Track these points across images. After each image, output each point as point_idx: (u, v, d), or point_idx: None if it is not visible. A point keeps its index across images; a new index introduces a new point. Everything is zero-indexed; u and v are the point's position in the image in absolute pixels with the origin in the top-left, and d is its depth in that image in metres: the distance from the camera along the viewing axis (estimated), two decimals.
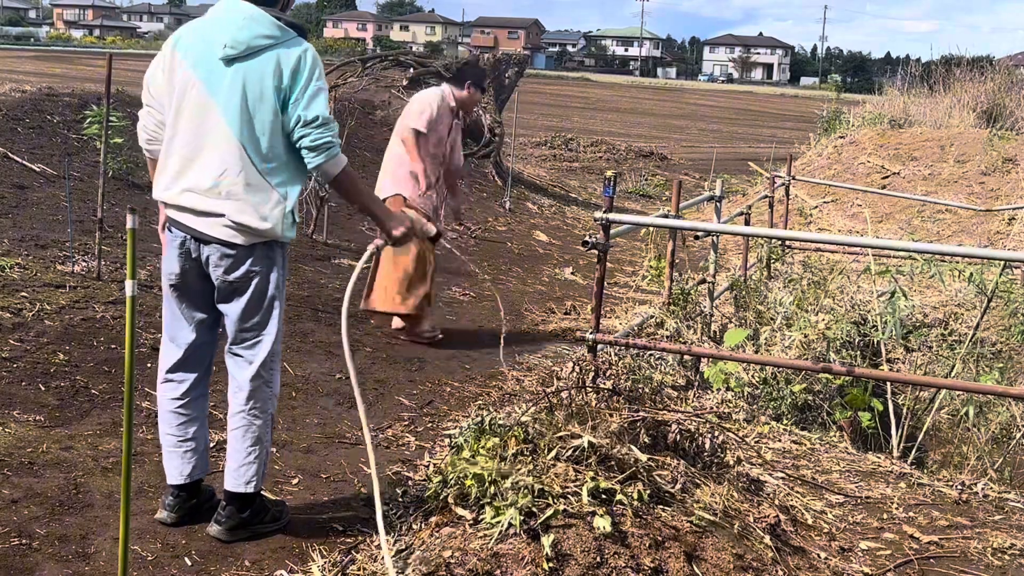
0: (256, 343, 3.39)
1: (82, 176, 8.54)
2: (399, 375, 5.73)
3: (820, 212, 14.44)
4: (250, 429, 3.40)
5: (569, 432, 3.39)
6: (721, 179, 12.94)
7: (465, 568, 2.91)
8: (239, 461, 3.40)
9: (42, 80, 16.35)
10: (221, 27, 3.24)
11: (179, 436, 3.47)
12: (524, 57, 18.48)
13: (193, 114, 3.24)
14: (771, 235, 8.93)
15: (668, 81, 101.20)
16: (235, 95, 3.20)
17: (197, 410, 3.51)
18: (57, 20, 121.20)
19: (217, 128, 3.22)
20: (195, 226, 3.27)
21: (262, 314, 3.37)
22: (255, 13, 3.24)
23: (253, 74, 3.20)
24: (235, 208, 3.21)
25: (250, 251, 3.27)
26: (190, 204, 3.25)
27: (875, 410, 5.47)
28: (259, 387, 3.40)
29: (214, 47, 3.22)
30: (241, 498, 3.44)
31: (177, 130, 3.28)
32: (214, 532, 3.45)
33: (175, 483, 3.50)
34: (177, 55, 3.28)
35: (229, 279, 3.30)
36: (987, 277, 6.54)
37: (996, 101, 18.27)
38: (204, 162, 3.23)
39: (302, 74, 3.21)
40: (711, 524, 3.20)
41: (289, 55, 3.22)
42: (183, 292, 3.41)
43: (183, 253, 3.33)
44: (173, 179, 3.29)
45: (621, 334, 5.92)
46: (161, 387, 3.51)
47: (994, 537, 3.93)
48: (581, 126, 29.28)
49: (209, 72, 3.22)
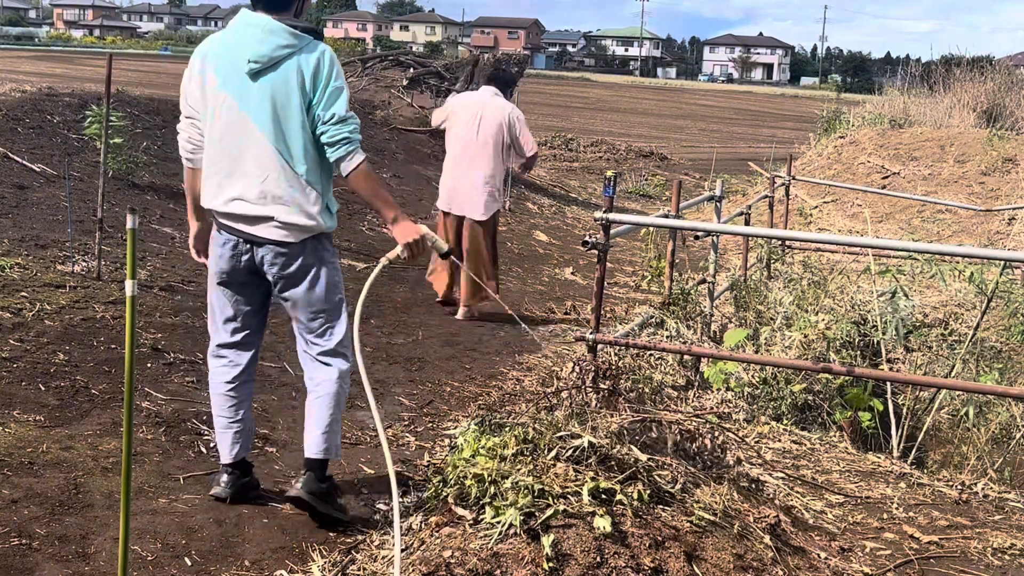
0: (327, 327, 3.63)
1: (82, 176, 8.54)
2: (399, 375, 5.73)
3: (820, 212, 14.44)
4: (333, 397, 3.62)
5: (569, 432, 3.39)
6: (721, 179, 12.93)
7: (465, 568, 2.91)
8: (323, 428, 3.60)
9: (42, 80, 16.37)
10: (243, 43, 3.45)
11: (230, 417, 3.71)
12: (524, 57, 18.49)
13: (229, 128, 3.47)
14: (771, 235, 8.93)
15: (668, 81, 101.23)
16: (265, 105, 3.42)
17: (244, 393, 3.75)
18: (57, 20, 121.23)
19: (253, 138, 3.44)
20: (248, 230, 3.51)
21: (326, 299, 3.60)
22: (272, 25, 3.43)
23: (279, 83, 3.42)
24: (282, 210, 3.46)
25: (302, 247, 3.52)
26: (240, 211, 3.49)
27: (875, 410, 5.47)
28: (340, 361, 3.64)
29: (239, 63, 3.44)
30: (321, 465, 3.61)
31: (216, 143, 3.51)
32: (295, 493, 3.59)
33: (227, 462, 3.74)
34: (208, 71, 3.51)
35: (286, 274, 3.54)
36: (987, 277, 6.54)
37: (996, 101, 18.28)
38: (246, 171, 3.47)
39: (321, 76, 3.42)
40: (711, 524, 3.20)
41: (309, 60, 3.43)
42: (233, 288, 3.65)
43: (235, 255, 3.56)
44: (220, 188, 3.51)
45: (621, 334, 5.91)
46: (214, 370, 3.74)
47: (994, 537, 3.93)
48: (581, 126, 29.29)
49: (238, 88, 3.44)
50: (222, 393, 3.71)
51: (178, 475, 3.96)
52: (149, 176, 9.26)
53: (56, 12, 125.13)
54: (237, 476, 3.75)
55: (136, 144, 9.48)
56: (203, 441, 4.34)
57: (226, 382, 3.71)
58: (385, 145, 14.05)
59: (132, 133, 9.48)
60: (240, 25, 3.50)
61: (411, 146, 14.69)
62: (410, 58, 19.06)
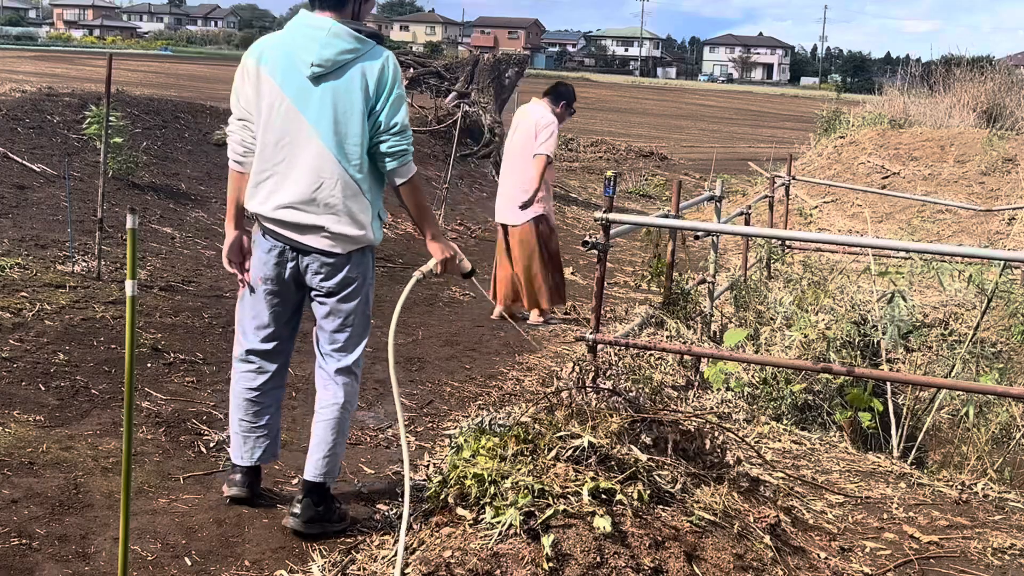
0: (348, 342, 3.57)
1: (82, 176, 8.54)
2: (399, 375, 5.73)
3: (820, 212, 14.44)
4: (336, 422, 3.55)
5: (569, 432, 3.39)
6: (721, 179, 12.94)
7: (465, 568, 2.91)
8: (323, 452, 3.53)
9: (42, 80, 16.37)
10: (304, 45, 3.36)
11: (253, 423, 3.64)
12: (524, 57, 18.48)
13: (284, 131, 3.38)
14: (771, 235, 8.93)
15: (668, 81, 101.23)
16: (326, 111, 3.34)
17: (272, 400, 3.68)
18: (57, 20, 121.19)
19: (310, 143, 3.36)
20: (295, 238, 3.44)
21: (356, 316, 3.55)
22: (337, 29, 3.35)
23: (341, 89, 3.34)
24: (333, 220, 3.38)
25: (347, 259, 3.46)
26: (290, 219, 3.40)
27: (875, 410, 5.47)
28: (350, 383, 3.58)
29: (299, 65, 3.35)
30: (319, 489, 3.55)
31: (271, 146, 3.41)
32: (291, 524, 3.54)
33: (243, 464, 3.67)
34: (263, 71, 3.41)
35: (328, 286, 3.48)
36: (987, 277, 6.54)
37: (996, 101, 18.28)
38: (299, 177, 3.38)
39: (386, 84, 3.37)
40: (711, 524, 3.20)
41: (373, 67, 3.36)
42: (276, 295, 3.57)
43: (280, 262, 3.49)
44: (269, 194, 3.43)
45: (621, 334, 5.91)
46: (239, 375, 3.66)
47: (994, 537, 3.93)
48: (581, 126, 29.26)
49: (298, 90, 3.36)
50: (246, 399, 3.63)
51: (178, 475, 3.96)
52: (149, 176, 9.27)
53: (56, 12, 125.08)
54: (252, 478, 3.70)
55: (136, 144, 9.48)
56: (203, 441, 4.34)
57: (251, 388, 3.63)
58: None
59: (132, 133, 9.48)
60: (300, 27, 3.40)
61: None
62: (410, 58, 19.05)
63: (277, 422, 3.72)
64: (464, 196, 13.15)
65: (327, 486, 3.57)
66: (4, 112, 9.40)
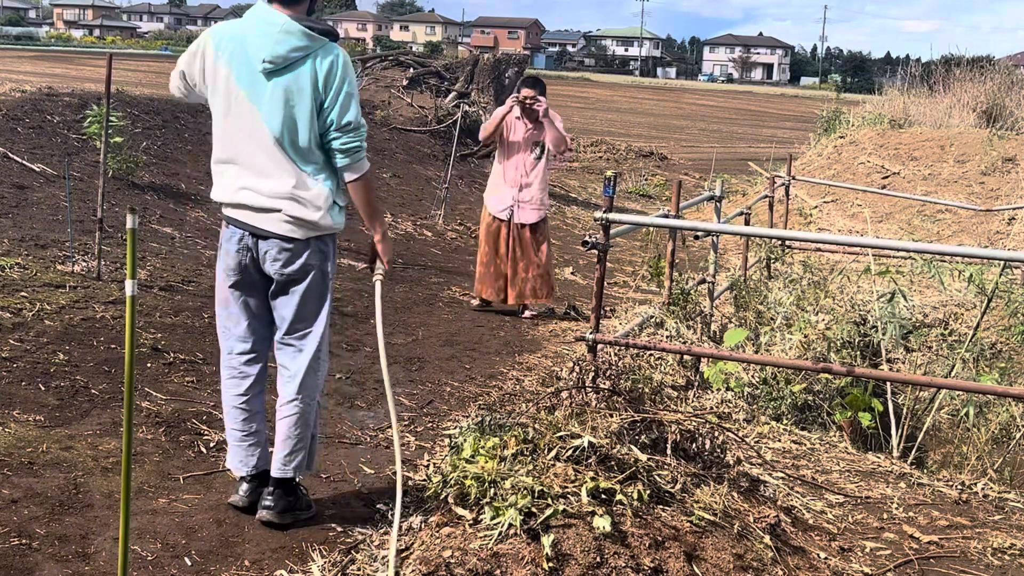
0: (308, 333, 3.58)
1: (82, 176, 8.54)
2: (399, 375, 5.73)
3: (820, 212, 14.44)
4: (300, 417, 3.58)
5: (569, 432, 3.39)
6: (721, 179, 12.94)
7: (465, 568, 2.91)
8: (290, 447, 3.57)
9: (42, 80, 16.35)
10: (256, 40, 3.40)
11: (244, 431, 3.66)
12: (524, 57, 18.49)
13: (241, 122, 3.44)
14: (771, 235, 8.93)
15: (668, 81, 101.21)
16: (277, 105, 3.39)
17: (257, 405, 3.70)
18: (57, 20, 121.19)
19: (263, 135, 3.42)
20: (253, 223, 3.47)
21: (315, 305, 3.56)
22: (289, 26, 3.38)
23: (292, 85, 3.39)
24: (290, 204, 3.42)
25: (306, 245, 3.48)
26: (248, 201, 3.45)
27: (875, 410, 5.47)
28: (310, 375, 3.58)
29: (253, 60, 3.40)
30: (287, 483, 3.60)
31: (227, 135, 3.49)
32: (266, 517, 3.57)
33: (245, 474, 3.68)
34: (220, 59, 3.46)
35: (286, 272, 3.50)
36: (987, 277, 6.54)
37: (996, 101, 18.25)
38: (256, 164, 3.44)
39: (334, 81, 3.40)
40: (711, 524, 3.20)
41: (323, 64, 3.40)
42: (242, 287, 3.59)
43: (241, 248, 3.52)
44: (231, 179, 3.49)
45: (621, 334, 5.91)
46: (225, 381, 3.69)
47: (994, 537, 3.93)
48: (581, 126, 29.25)
49: (251, 84, 3.41)
50: (234, 406, 3.66)
51: (178, 475, 3.96)
52: (149, 176, 9.27)
53: (56, 12, 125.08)
54: (257, 485, 3.68)
55: (136, 144, 9.47)
56: (203, 441, 4.34)
57: (237, 395, 3.65)
58: (385, 145, 14.06)
59: (132, 133, 9.48)
60: (256, 21, 3.43)
61: (411, 146, 14.70)
62: (410, 58, 19.07)
63: (263, 426, 3.72)
64: (464, 196, 13.15)
65: (294, 480, 3.62)
66: (4, 112, 9.39)
